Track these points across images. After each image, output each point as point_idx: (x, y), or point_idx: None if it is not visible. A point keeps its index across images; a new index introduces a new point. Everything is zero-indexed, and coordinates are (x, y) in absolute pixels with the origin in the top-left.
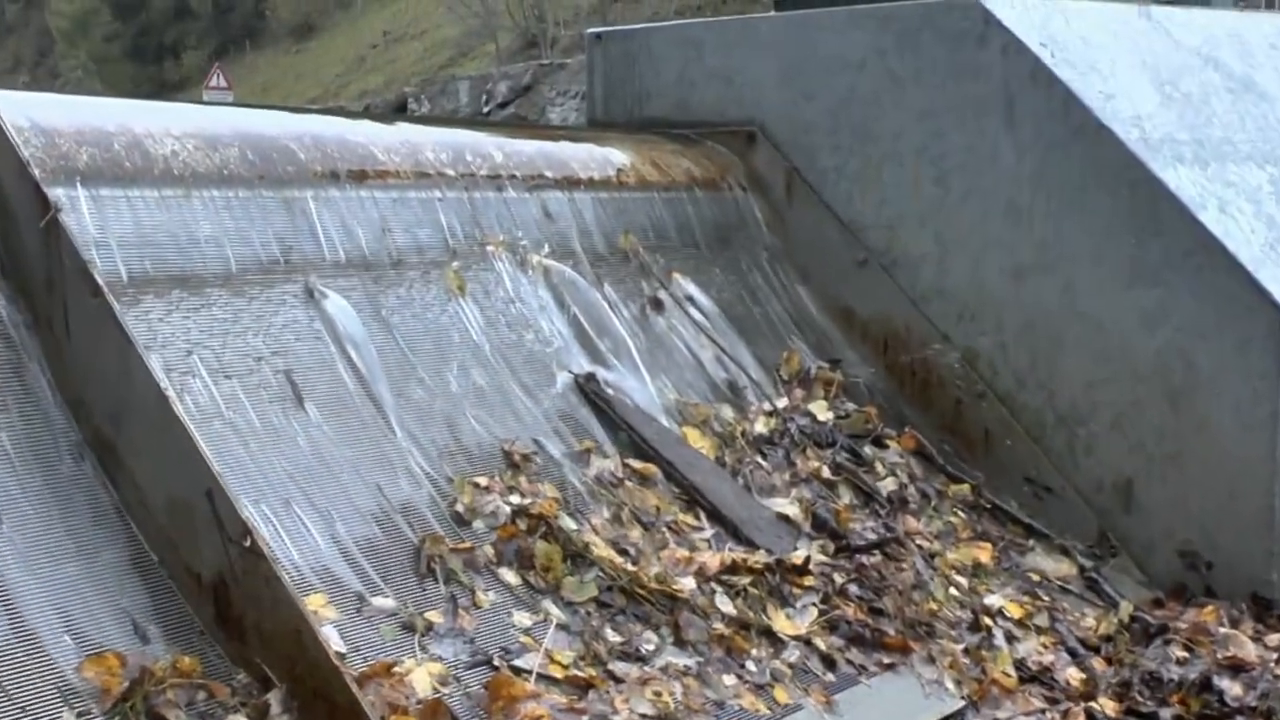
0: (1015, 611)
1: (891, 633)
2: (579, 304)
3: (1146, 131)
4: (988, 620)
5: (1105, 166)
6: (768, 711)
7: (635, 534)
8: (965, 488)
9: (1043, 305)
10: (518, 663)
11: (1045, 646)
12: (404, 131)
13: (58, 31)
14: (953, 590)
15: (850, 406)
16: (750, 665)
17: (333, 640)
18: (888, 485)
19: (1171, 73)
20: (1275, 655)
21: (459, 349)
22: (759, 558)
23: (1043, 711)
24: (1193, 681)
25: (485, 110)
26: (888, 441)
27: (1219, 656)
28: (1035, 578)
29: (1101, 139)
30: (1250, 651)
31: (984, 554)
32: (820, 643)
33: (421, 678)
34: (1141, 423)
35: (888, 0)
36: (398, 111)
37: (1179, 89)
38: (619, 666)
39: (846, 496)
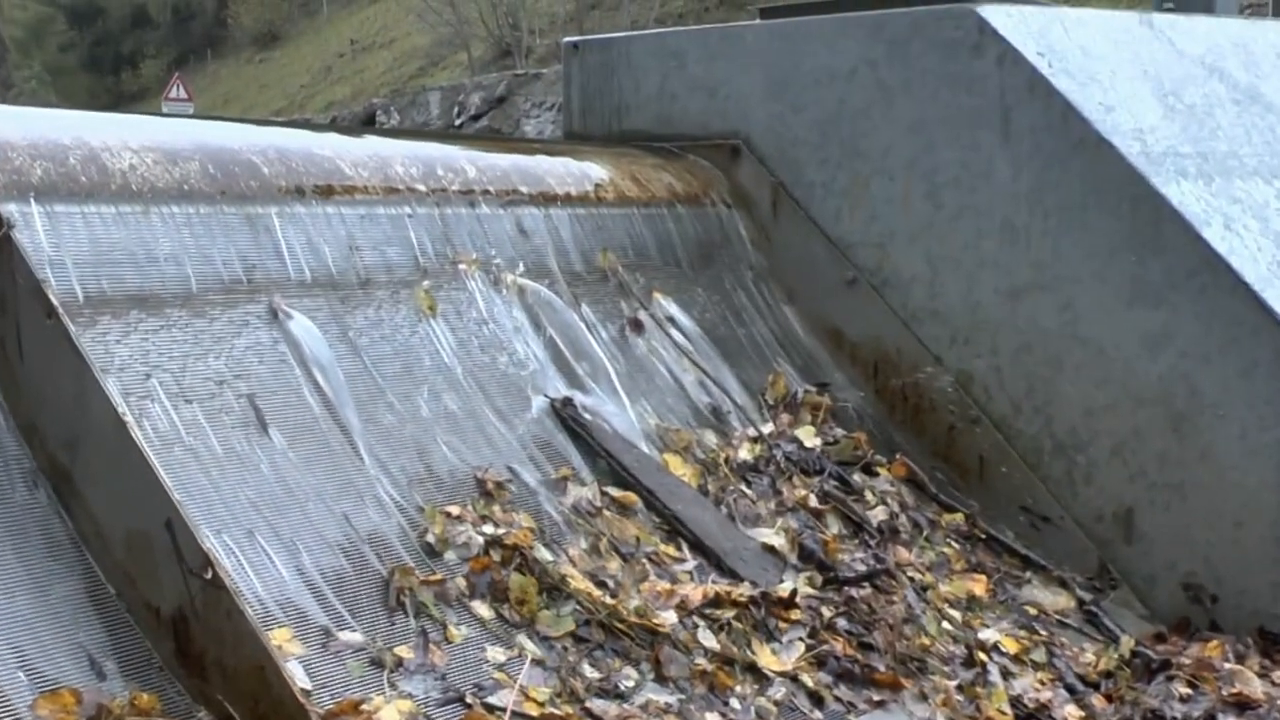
0: (1011, 646)
1: (882, 669)
2: (555, 325)
3: (1148, 145)
4: (982, 656)
5: (1105, 182)
6: None
7: (614, 565)
8: (959, 517)
9: (1040, 327)
10: (491, 700)
11: (1042, 683)
12: (372, 145)
13: (11, 41)
14: (946, 624)
15: (839, 432)
16: (734, 703)
17: (298, 676)
18: (878, 514)
19: (1174, 83)
20: None
21: (430, 372)
22: (743, 590)
23: None
24: None
25: (457, 122)
26: (878, 469)
27: (1224, 693)
28: (1032, 611)
29: (1101, 153)
30: (1257, 688)
31: (978, 586)
32: (807, 679)
33: (391, 716)
34: (1143, 450)
35: (877, 9)
36: (366, 124)
37: (1182, 100)
38: (597, 704)
39: (835, 526)
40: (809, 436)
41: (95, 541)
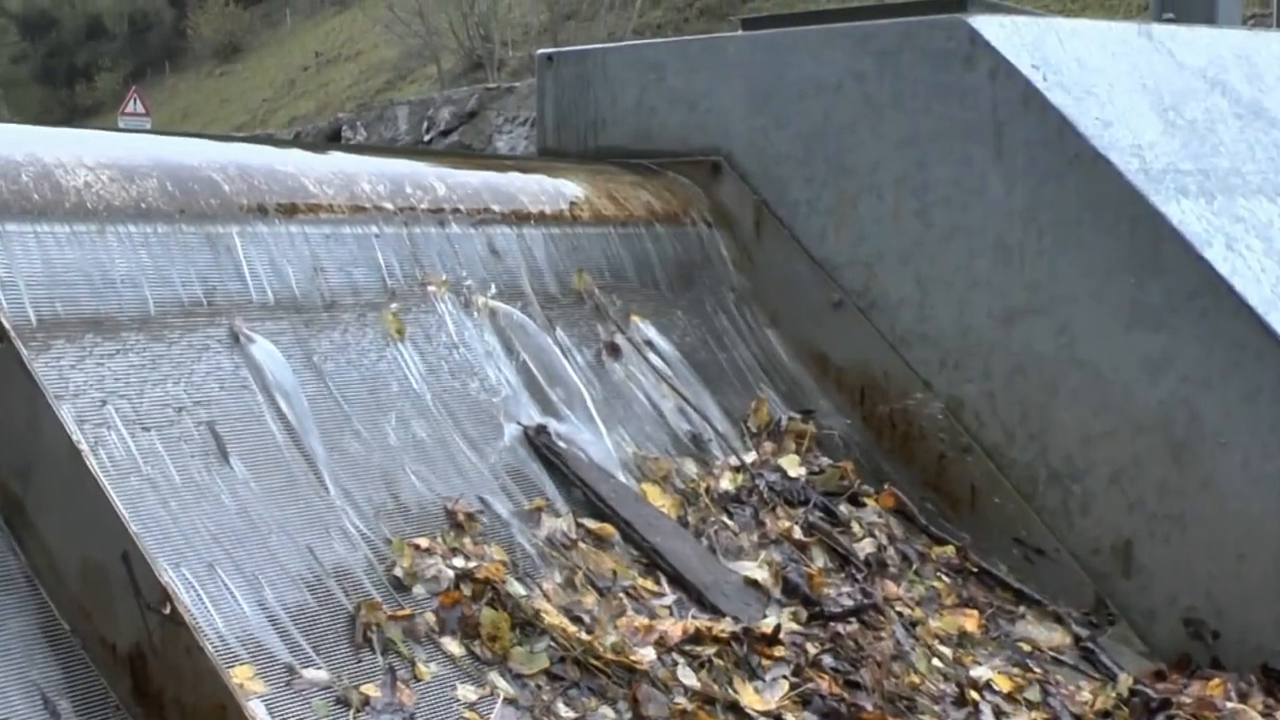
0: (1004, 684)
1: (869, 708)
2: (528, 350)
3: (1147, 161)
4: (974, 694)
5: (1103, 200)
6: None
7: (590, 600)
8: (950, 550)
9: (1034, 351)
10: None
11: None
12: (338, 161)
13: None
14: (936, 661)
15: (824, 461)
16: None
17: (260, 716)
18: (865, 547)
19: (1175, 97)
20: None
21: (398, 398)
22: (725, 626)
23: None
24: None
25: (426, 138)
26: (865, 499)
27: None
28: (1026, 648)
29: (1098, 170)
30: None
31: (970, 622)
32: (792, 719)
33: None
34: (1142, 479)
35: (865, 19)
36: (331, 140)
37: (1183, 115)
38: None
39: (820, 559)
40: (793, 466)
41: (49, 575)
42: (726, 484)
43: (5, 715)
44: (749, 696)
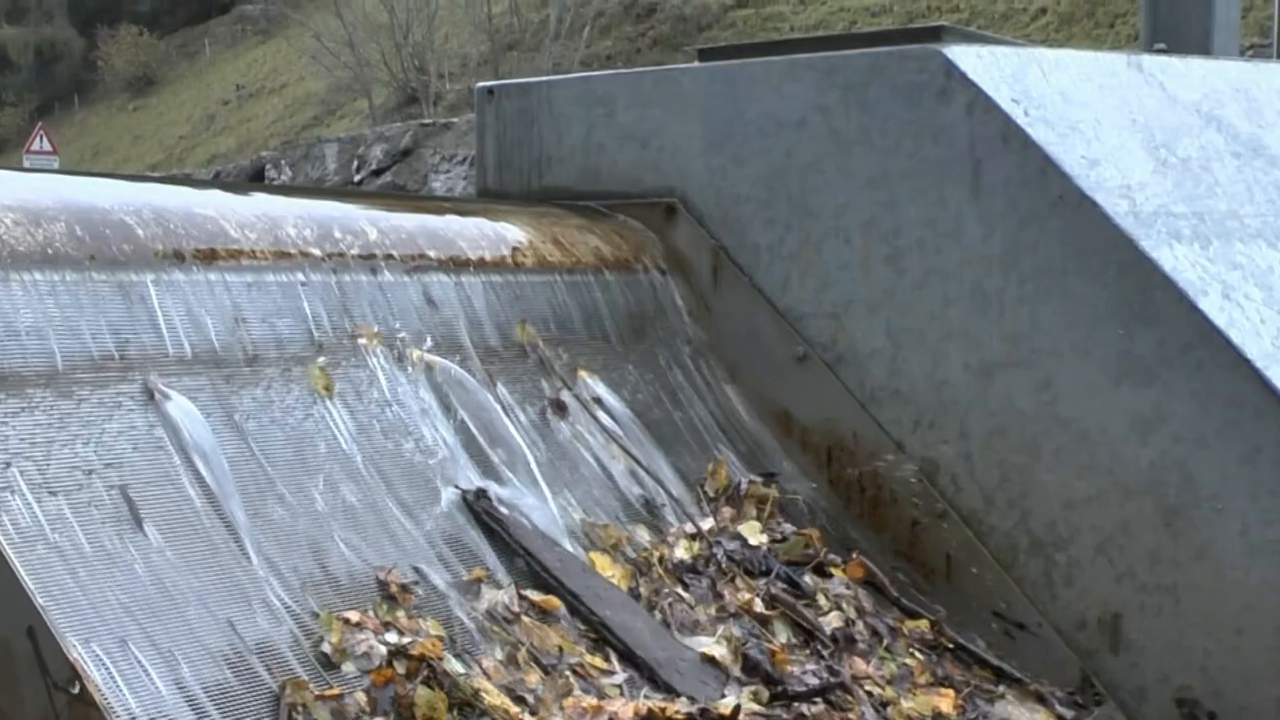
0: None
1: None
2: (467, 407)
3: (1137, 203)
4: None
5: (1089, 244)
6: None
7: (534, 678)
8: (923, 624)
9: (1015, 408)
10: None
11: None
12: (261, 204)
13: None
14: None
15: (788, 528)
16: None
17: None
18: (832, 621)
19: (1167, 134)
20: None
21: (326, 460)
22: (680, 707)
23: None
24: None
25: (357, 178)
26: (832, 569)
27: None
28: None
29: (1084, 212)
30: None
31: (945, 702)
32: None
33: None
34: (1131, 547)
35: (830, 50)
36: (253, 180)
37: (1176, 153)
38: None
39: (783, 634)
40: (754, 533)
41: None
42: (682, 553)
43: None
44: None
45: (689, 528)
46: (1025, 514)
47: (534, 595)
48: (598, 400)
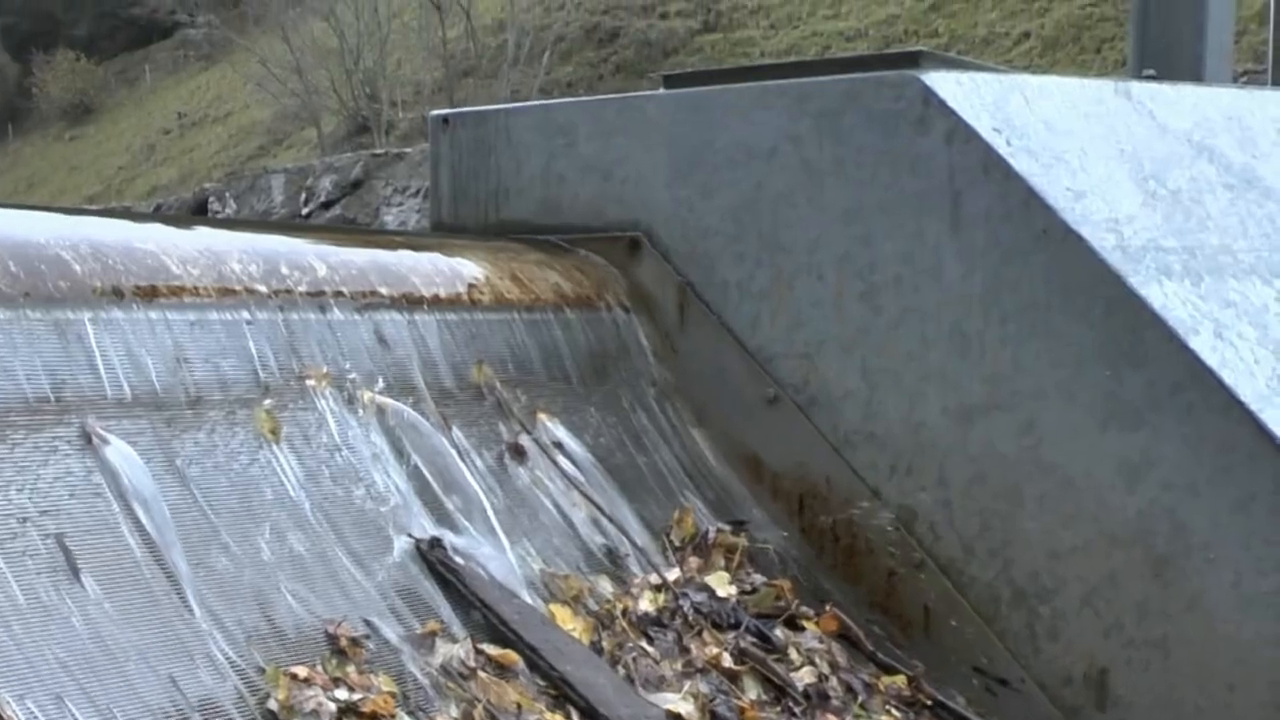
0: None
1: None
2: (421, 452)
3: (1125, 238)
4: None
5: (1074, 281)
6: None
7: None
8: (900, 680)
9: (996, 453)
10: None
11: None
12: (204, 238)
13: None
14: None
15: (758, 579)
16: None
17: None
18: (804, 677)
19: (1156, 165)
20: None
21: (272, 508)
22: None
23: None
24: None
25: (305, 211)
26: (804, 622)
27: None
28: None
29: (1069, 246)
30: None
31: None
32: None
33: None
34: (1119, 599)
35: (803, 76)
36: (196, 213)
37: (1166, 185)
38: None
39: (753, 690)
40: (722, 584)
41: None
42: (646, 605)
43: None
44: None
45: (654, 578)
46: (1007, 564)
47: (491, 649)
48: (558, 444)
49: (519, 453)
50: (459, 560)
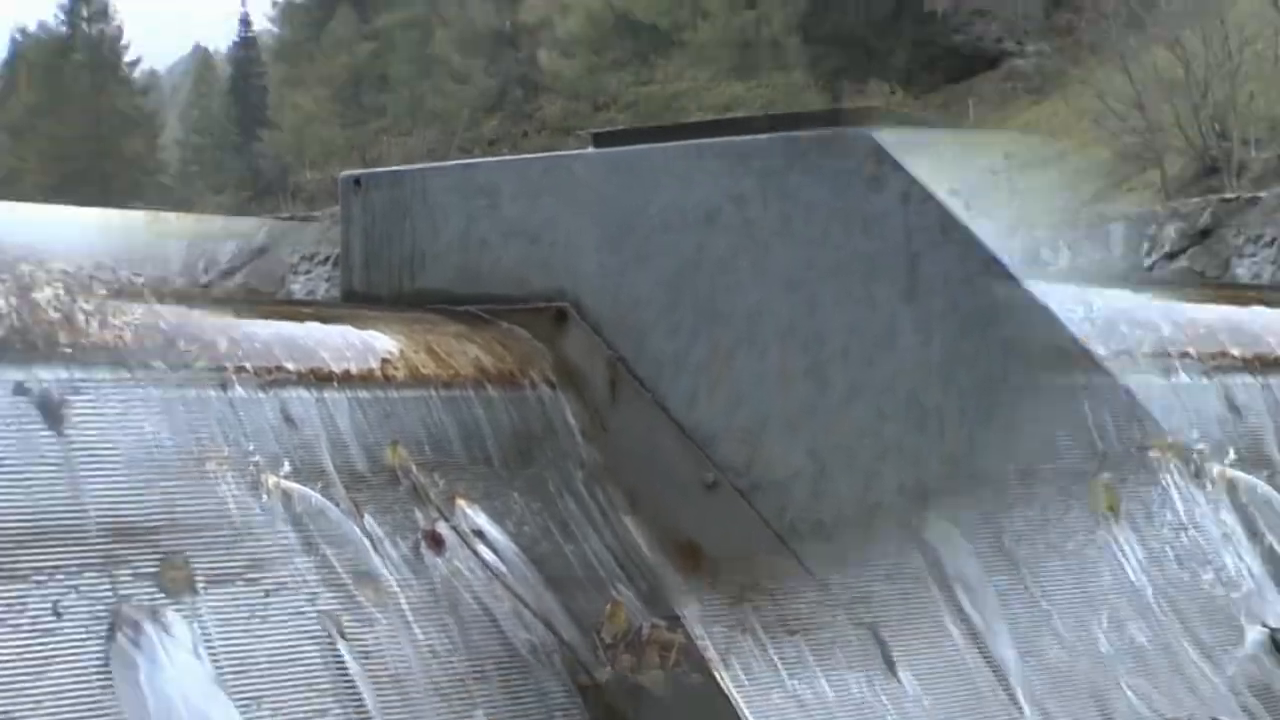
0: None
1: None
2: (329, 540)
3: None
4: None
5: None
6: None
7: None
8: None
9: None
10: None
11: None
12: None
13: None
14: None
15: (695, 679)
16: None
17: None
18: None
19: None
20: None
21: None
22: None
23: None
24: None
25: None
26: None
27: None
28: None
29: (1034, 316)
30: None
31: None
32: None
33: None
34: None
35: (743, 133)
36: None
37: None
38: None
39: None
40: (657, 685)
41: None
42: None
43: None
44: None
45: (583, 679)
46: None
47: None
48: (479, 533)
49: (437, 541)
50: None
